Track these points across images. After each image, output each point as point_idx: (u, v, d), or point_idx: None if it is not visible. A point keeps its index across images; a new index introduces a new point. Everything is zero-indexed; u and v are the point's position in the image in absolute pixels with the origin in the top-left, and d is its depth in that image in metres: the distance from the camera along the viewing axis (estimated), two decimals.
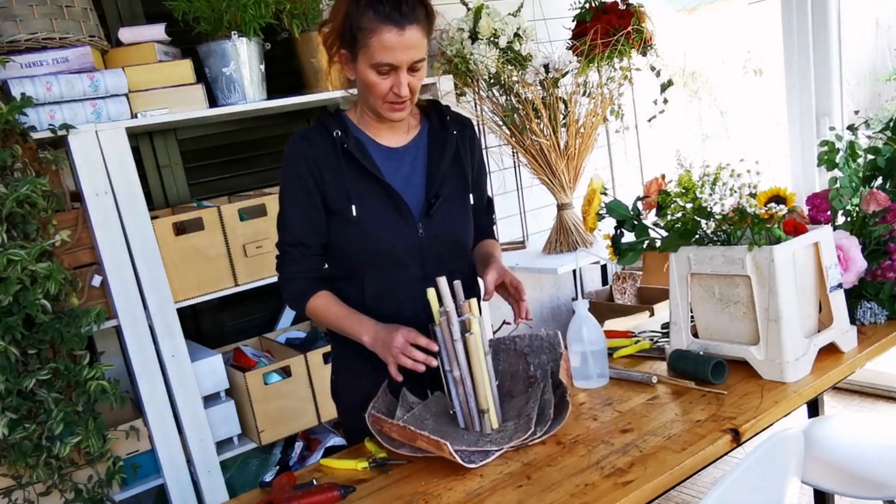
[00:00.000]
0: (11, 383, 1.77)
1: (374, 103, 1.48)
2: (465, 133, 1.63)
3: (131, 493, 2.16)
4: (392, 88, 1.44)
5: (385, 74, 1.42)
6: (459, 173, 1.59)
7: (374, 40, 1.38)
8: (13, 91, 1.90)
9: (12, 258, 1.74)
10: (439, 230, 1.55)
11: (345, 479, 1.36)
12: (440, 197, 1.54)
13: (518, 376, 1.56)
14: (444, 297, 1.37)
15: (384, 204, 1.51)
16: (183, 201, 2.55)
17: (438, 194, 1.54)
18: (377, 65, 1.41)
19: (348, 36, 1.42)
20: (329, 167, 1.50)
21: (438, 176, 1.55)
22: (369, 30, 1.38)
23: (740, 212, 1.43)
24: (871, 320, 1.67)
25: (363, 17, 1.38)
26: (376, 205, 1.51)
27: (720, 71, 4.20)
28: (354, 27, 1.40)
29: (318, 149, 1.50)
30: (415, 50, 1.41)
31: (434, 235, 1.54)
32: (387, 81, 1.43)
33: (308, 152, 1.50)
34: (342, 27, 1.42)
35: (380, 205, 1.51)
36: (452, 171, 1.58)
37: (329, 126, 1.52)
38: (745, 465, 1.13)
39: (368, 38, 1.39)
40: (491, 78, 2.70)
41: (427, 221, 1.53)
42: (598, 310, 2.82)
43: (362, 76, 1.45)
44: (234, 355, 2.48)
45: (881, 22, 3.67)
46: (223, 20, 2.14)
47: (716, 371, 1.46)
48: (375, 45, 1.39)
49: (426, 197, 1.55)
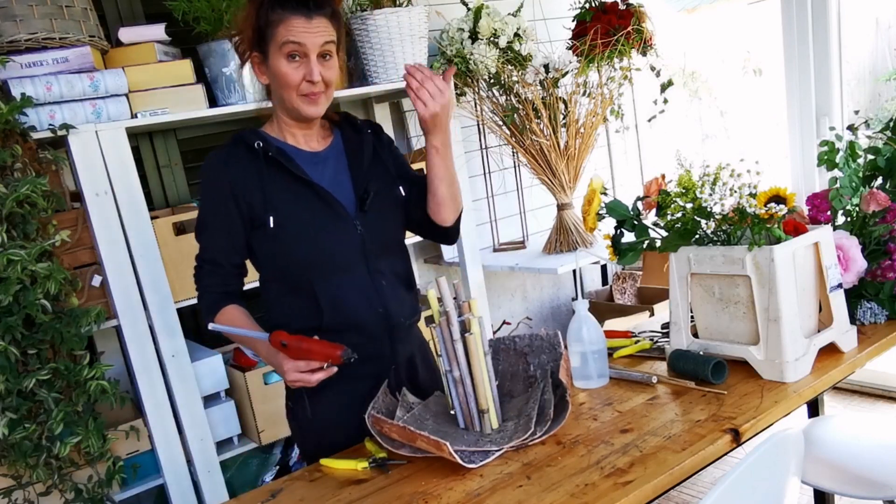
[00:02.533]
0: (11, 383, 1.77)
1: (289, 98, 1.45)
2: (381, 137, 1.64)
3: (131, 493, 2.16)
4: (304, 77, 1.43)
5: (295, 61, 1.42)
6: (382, 168, 1.59)
7: (282, 27, 1.40)
8: (13, 91, 1.90)
9: (12, 258, 1.74)
10: (377, 225, 1.54)
11: (345, 478, 1.36)
12: (370, 192, 1.53)
13: (518, 376, 1.56)
14: (444, 297, 1.38)
15: (318, 207, 1.49)
16: (183, 201, 2.55)
17: (368, 189, 1.53)
18: (286, 45, 1.40)
19: (257, 35, 1.43)
20: (251, 186, 1.47)
21: (363, 172, 1.55)
22: (276, 21, 1.40)
23: (740, 212, 1.43)
24: (871, 320, 1.67)
25: (271, 13, 1.41)
26: (309, 209, 1.48)
27: (720, 71, 4.21)
28: (262, 24, 1.42)
29: (237, 168, 1.48)
30: (321, 35, 1.41)
31: (373, 232, 1.52)
32: (299, 70, 1.42)
33: (227, 175, 1.47)
34: (252, 28, 1.44)
35: (313, 208, 1.49)
36: (375, 167, 1.58)
37: (248, 139, 1.49)
38: (745, 465, 1.13)
39: (276, 28, 1.40)
40: (491, 78, 2.70)
41: (363, 218, 1.52)
42: (598, 310, 2.82)
43: (275, 69, 1.44)
44: (234, 355, 2.48)
45: (881, 22, 3.67)
46: (223, 20, 2.14)
47: (716, 371, 1.46)
48: (282, 30, 1.40)
49: (356, 194, 1.53)
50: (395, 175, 1.61)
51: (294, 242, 1.48)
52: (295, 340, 1.38)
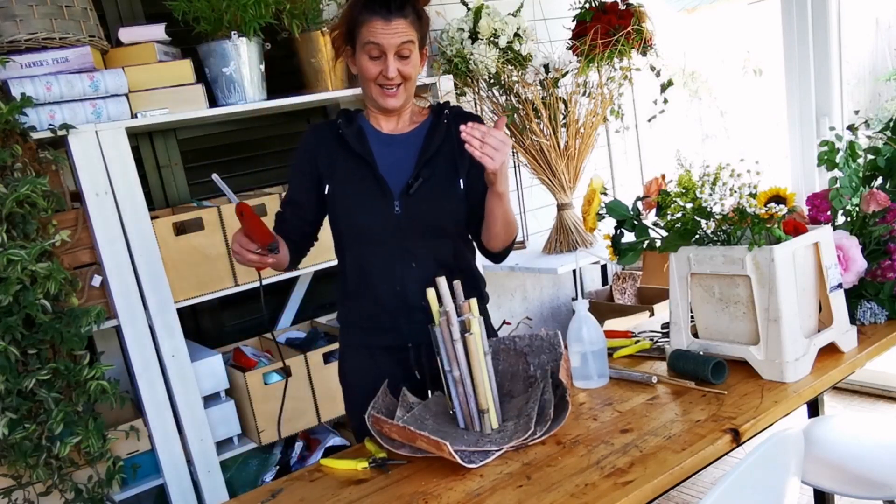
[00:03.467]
0: (11, 383, 1.77)
1: (369, 90, 1.62)
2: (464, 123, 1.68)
3: (131, 493, 2.16)
4: (381, 72, 1.57)
5: (375, 59, 1.57)
6: (449, 157, 1.65)
7: (365, 28, 1.56)
8: (13, 91, 1.90)
9: (12, 258, 1.74)
10: (420, 208, 1.61)
11: (345, 479, 1.36)
12: (421, 178, 1.63)
13: (518, 376, 1.56)
14: (444, 298, 1.38)
15: (367, 183, 1.63)
16: (183, 201, 2.55)
17: (420, 175, 1.63)
18: (366, 45, 1.56)
19: (349, 33, 1.61)
20: (325, 155, 1.67)
21: (426, 159, 1.64)
22: (361, 21, 1.56)
23: (740, 212, 1.43)
24: (871, 320, 1.67)
25: (359, 14, 1.57)
26: (358, 183, 1.63)
27: (720, 71, 4.20)
28: (353, 24, 1.59)
29: (319, 138, 1.69)
30: (399, 35, 1.55)
31: (412, 214, 1.61)
32: (377, 66, 1.58)
33: (309, 140, 1.70)
34: (345, 27, 1.61)
35: (362, 185, 1.63)
36: (442, 155, 1.66)
37: (337, 118, 1.70)
38: (745, 465, 1.13)
39: (361, 28, 1.57)
40: (491, 78, 2.70)
41: (405, 200, 1.61)
42: (598, 310, 2.81)
43: (359, 64, 1.60)
44: (234, 355, 2.48)
45: (881, 22, 3.67)
46: (223, 20, 2.14)
47: (716, 371, 1.46)
48: (365, 31, 1.56)
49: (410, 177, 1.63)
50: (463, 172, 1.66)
51: (339, 209, 1.65)
52: (249, 216, 1.49)
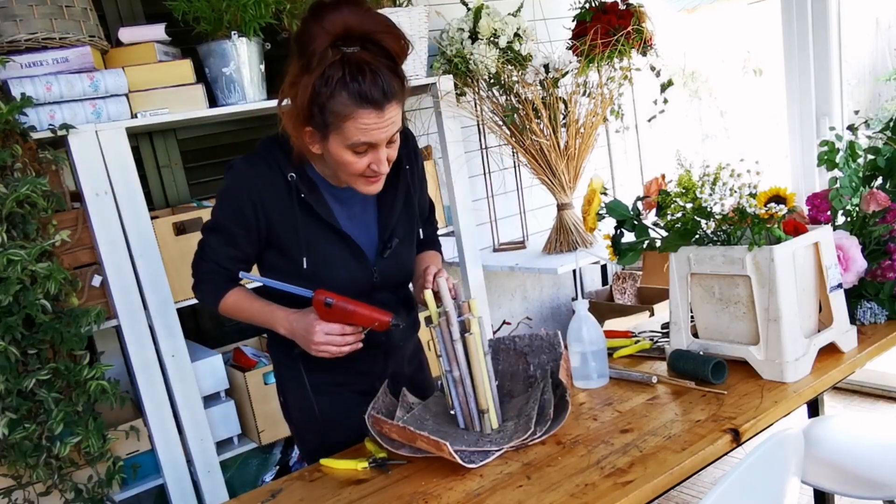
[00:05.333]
0: (11, 383, 1.77)
1: (348, 179, 1.40)
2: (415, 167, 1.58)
3: (131, 493, 2.16)
4: (370, 165, 1.35)
5: (362, 154, 1.33)
6: (410, 211, 1.56)
7: (350, 124, 1.28)
8: (13, 91, 1.90)
9: (12, 258, 1.74)
10: (393, 267, 1.53)
11: (345, 479, 1.36)
12: (394, 240, 1.51)
13: (518, 376, 1.56)
14: (444, 298, 1.37)
15: (338, 249, 1.46)
16: (183, 201, 2.55)
17: (393, 236, 1.51)
18: (354, 145, 1.31)
19: (317, 118, 1.30)
20: (279, 210, 1.42)
21: (393, 217, 1.51)
22: (344, 115, 1.28)
23: (740, 212, 1.43)
24: (871, 320, 1.67)
25: (335, 101, 1.27)
26: (330, 252, 1.46)
27: (720, 71, 4.20)
28: (326, 111, 1.28)
29: (266, 189, 1.41)
30: (393, 126, 1.32)
31: (387, 274, 1.52)
32: (364, 159, 1.34)
33: (256, 194, 1.41)
34: (309, 110, 1.29)
35: (334, 251, 1.46)
36: (405, 210, 1.55)
37: (282, 166, 1.41)
38: (745, 465, 1.13)
39: (343, 122, 1.29)
40: (491, 78, 2.70)
41: (381, 263, 1.52)
42: (598, 310, 2.82)
43: (335, 155, 1.34)
44: (234, 355, 2.48)
45: (881, 22, 3.67)
46: (223, 20, 2.14)
47: (716, 371, 1.46)
48: (351, 128, 1.29)
49: (380, 238, 1.52)
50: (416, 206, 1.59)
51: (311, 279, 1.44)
52: (342, 301, 1.35)
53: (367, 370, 1.58)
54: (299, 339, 1.44)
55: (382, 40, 1.29)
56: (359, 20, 1.26)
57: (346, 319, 1.39)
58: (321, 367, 1.51)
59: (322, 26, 1.25)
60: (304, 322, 1.41)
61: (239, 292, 1.52)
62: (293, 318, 1.44)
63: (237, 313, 1.53)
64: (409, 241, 1.58)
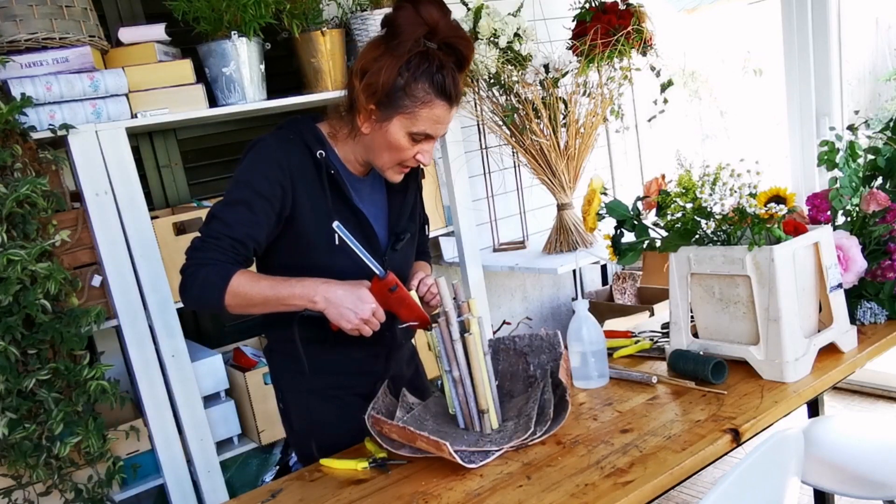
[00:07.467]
0: (11, 383, 1.77)
1: (384, 163, 1.43)
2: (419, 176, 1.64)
3: (131, 493, 2.16)
4: (415, 155, 1.42)
5: (417, 143, 1.41)
6: (415, 212, 1.61)
7: (426, 111, 1.36)
8: (13, 91, 1.90)
9: (12, 258, 1.74)
10: (399, 261, 1.56)
11: (345, 479, 1.36)
12: (406, 234, 1.54)
13: (518, 376, 1.56)
14: (444, 298, 1.37)
15: (358, 234, 1.46)
16: (183, 201, 2.56)
17: (406, 230, 1.55)
18: (416, 133, 1.38)
19: (391, 97, 1.35)
20: (307, 187, 1.41)
21: (404, 213, 1.55)
22: (423, 100, 1.35)
23: (740, 212, 1.43)
24: (871, 320, 1.67)
25: (417, 86, 1.34)
26: (353, 235, 1.46)
27: (720, 71, 4.21)
28: (404, 94, 1.34)
29: (295, 163, 1.41)
30: (448, 126, 1.43)
31: (393, 266, 1.51)
32: (415, 148, 1.41)
33: (287, 162, 1.40)
34: (386, 87, 1.34)
35: (356, 235, 1.46)
36: (413, 210, 1.59)
37: (309, 143, 1.43)
38: (745, 465, 1.13)
39: (419, 108, 1.36)
40: (491, 78, 2.70)
41: (391, 254, 1.53)
42: (598, 310, 2.82)
43: (391, 138, 1.38)
44: (234, 355, 2.48)
45: (881, 22, 3.67)
46: (223, 20, 2.14)
47: (716, 371, 1.46)
48: (425, 115, 1.36)
49: (391, 231, 1.55)
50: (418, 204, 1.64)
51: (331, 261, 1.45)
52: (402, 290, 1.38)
53: (368, 370, 1.58)
54: (342, 307, 1.36)
55: (459, 45, 1.37)
56: (446, 22, 1.35)
57: (395, 307, 1.40)
58: (323, 369, 1.53)
59: (420, 15, 1.33)
60: (357, 293, 1.37)
61: (247, 272, 1.40)
62: (339, 287, 1.37)
63: (248, 291, 1.37)
64: (412, 240, 1.61)
